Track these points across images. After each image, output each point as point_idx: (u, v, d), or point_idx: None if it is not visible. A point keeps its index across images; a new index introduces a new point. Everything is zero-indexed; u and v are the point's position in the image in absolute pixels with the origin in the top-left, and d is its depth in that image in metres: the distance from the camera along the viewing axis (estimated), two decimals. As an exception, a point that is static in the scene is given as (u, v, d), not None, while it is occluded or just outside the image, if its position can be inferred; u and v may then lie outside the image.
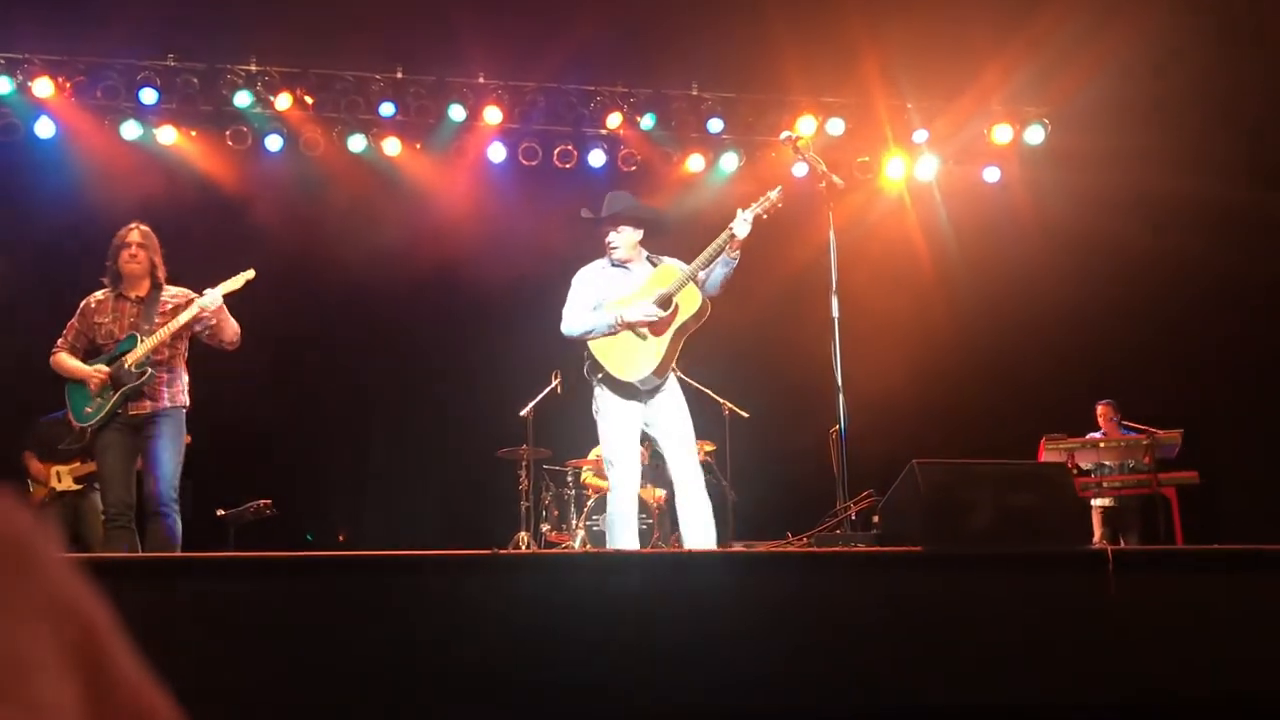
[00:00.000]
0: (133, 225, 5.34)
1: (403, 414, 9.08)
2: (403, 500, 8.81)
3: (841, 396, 5.47)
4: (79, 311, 5.27)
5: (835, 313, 5.55)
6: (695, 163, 9.61)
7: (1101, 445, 7.84)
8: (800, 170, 9.33)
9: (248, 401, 7.98)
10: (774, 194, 5.39)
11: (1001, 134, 9.69)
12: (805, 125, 9.30)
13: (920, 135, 9.62)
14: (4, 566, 0.39)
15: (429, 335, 9.08)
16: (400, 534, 8.11)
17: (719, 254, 5.26)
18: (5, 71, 8.51)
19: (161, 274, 5.30)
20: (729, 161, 9.61)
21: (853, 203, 9.19)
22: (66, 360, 5.17)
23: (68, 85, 8.65)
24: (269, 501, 7.59)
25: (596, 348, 5.22)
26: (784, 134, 6.45)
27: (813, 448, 7.06)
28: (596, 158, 9.42)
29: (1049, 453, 7.44)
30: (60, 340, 5.22)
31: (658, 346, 5.18)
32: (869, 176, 9.74)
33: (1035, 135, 9.62)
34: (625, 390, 5.18)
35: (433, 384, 9.01)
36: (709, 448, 7.94)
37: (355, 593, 3.48)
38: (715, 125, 9.39)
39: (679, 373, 7.94)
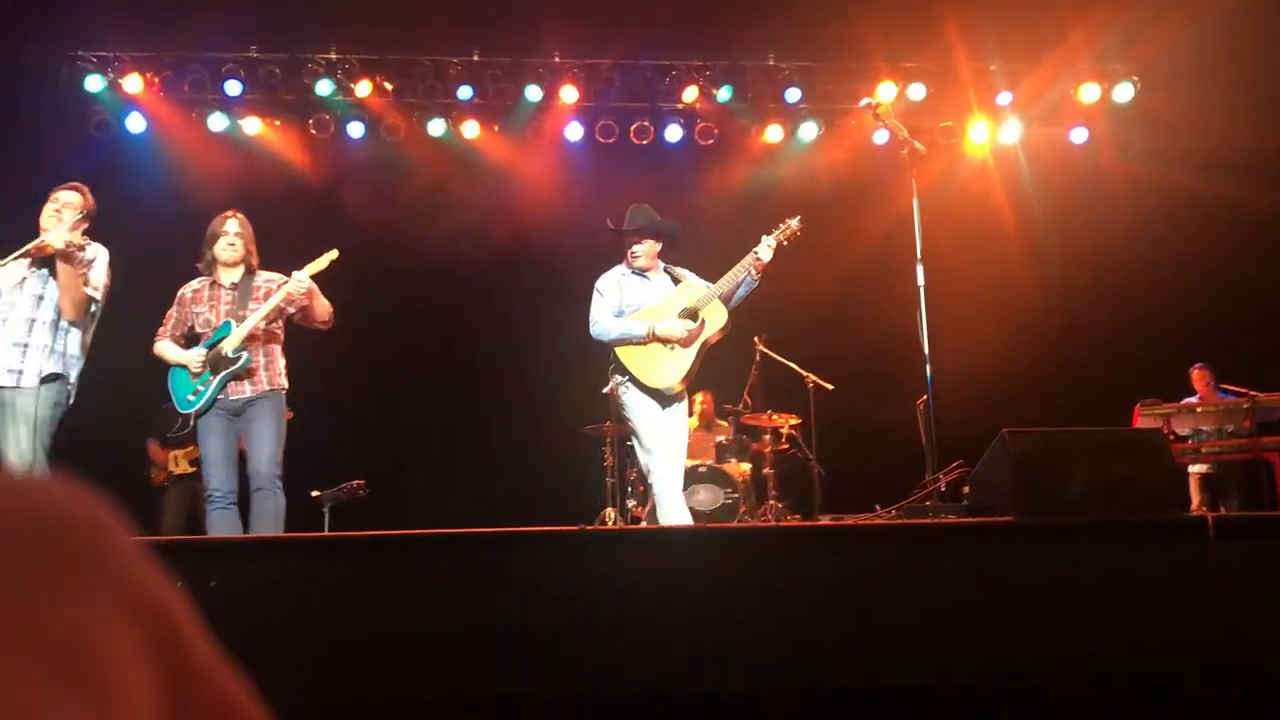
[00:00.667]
0: (229, 213, 5.43)
1: (488, 392, 9.17)
2: (489, 477, 8.91)
3: (929, 366, 5.41)
4: (176, 301, 5.38)
5: (920, 281, 5.48)
6: (774, 133, 9.52)
7: (1199, 410, 7.62)
8: (881, 137, 9.21)
9: (336, 381, 8.12)
10: (794, 222, 5.70)
11: (1088, 93, 9.41)
12: (885, 92, 9.15)
13: (1004, 98, 9.40)
14: (80, 556, 0.39)
15: (513, 315, 9.16)
16: (488, 511, 8.21)
17: (744, 275, 5.56)
18: (97, 70, 8.75)
19: (255, 260, 5.40)
20: (808, 131, 9.50)
21: (935, 168, 9.01)
22: (167, 348, 5.30)
23: (156, 80, 8.88)
24: (362, 482, 7.74)
25: (624, 354, 5.53)
26: (863, 101, 6.40)
27: (900, 419, 6.99)
28: (673, 132, 9.39)
29: (1144, 419, 7.26)
30: (160, 329, 5.35)
31: (685, 358, 5.48)
32: (952, 142, 9.55)
33: (1124, 93, 9.33)
34: (649, 392, 5.49)
35: (518, 362, 9.08)
36: (794, 421, 7.89)
37: (447, 570, 3.53)
38: (793, 95, 9.28)
39: (762, 346, 7.94)
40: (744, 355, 8.17)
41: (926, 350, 5.40)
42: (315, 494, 7.52)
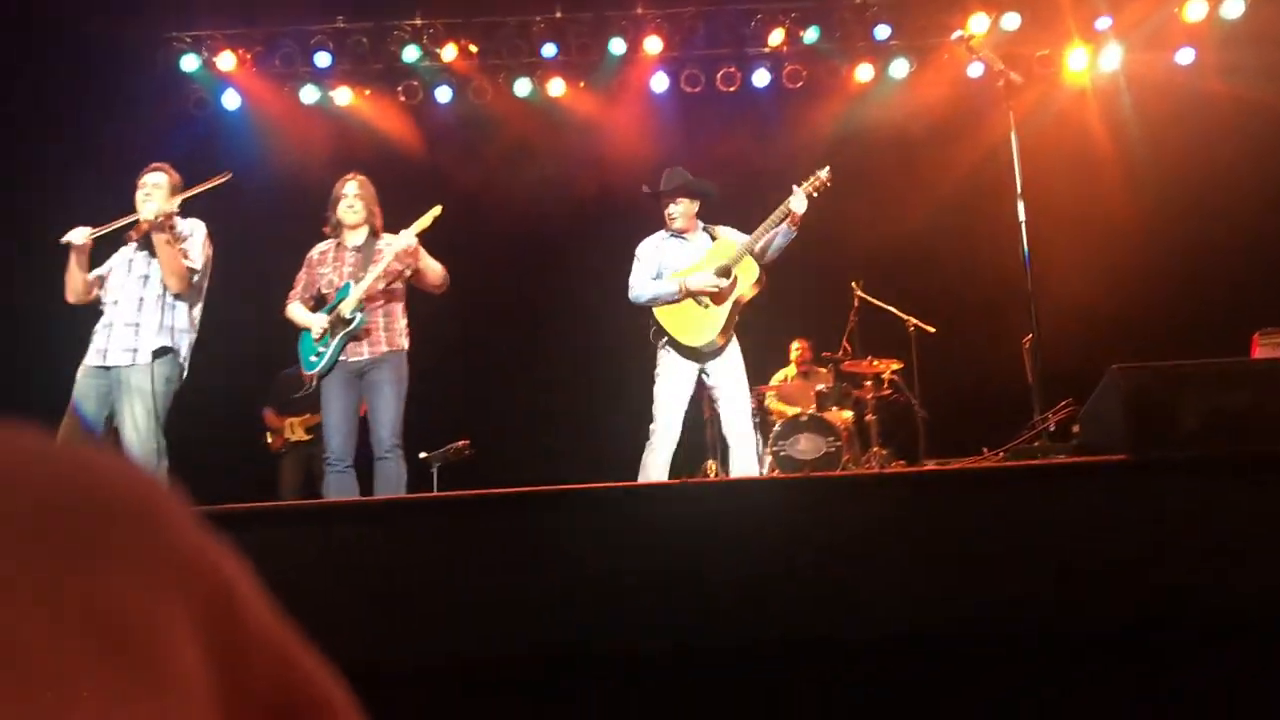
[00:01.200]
0: (350, 175, 5.53)
1: (585, 346, 9.20)
2: (587, 431, 8.97)
3: (1033, 303, 5.28)
4: (305, 263, 5.51)
5: (1022, 216, 5.34)
6: (864, 73, 9.30)
7: (1322, 337, 7.29)
8: (975, 70, 8.95)
9: (438, 342, 8.24)
10: (823, 172, 5.64)
11: (1194, 10, 8.99)
12: (978, 23, 8.86)
13: (1104, 22, 9.04)
14: (126, 529, 0.38)
15: (607, 269, 9.15)
16: (586, 465, 8.27)
17: (776, 228, 5.57)
18: (191, 49, 8.95)
19: (378, 222, 5.48)
20: (899, 68, 9.26)
21: (1031, 99, 8.73)
22: (296, 311, 5.44)
23: (248, 57, 9.05)
24: (466, 441, 7.86)
25: (661, 315, 5.65)
26: (956, 34, 6.26)
27: (1005, 359, 6.85)
28: (761, 78, 9.24)
29: (1263, 348, 6.98)
30: (291, 291, 5.48)
31: (719, 314, 5.56)
32: (1049, 71, 9.23)
33: (1233, 8, 8.88)
34: (688, 353, 5.58)
35: (612, 318, 9.09)
36: (895, 366, 7.78)
37: (548, 526, 3.57)
38: (882, 32, 9.06)
39: (860, 291, 7.84)
40: (842, 301, 8.08)
41: (1031, 286, 5.27)
42: (423, 455, 7.66)
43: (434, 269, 5.43)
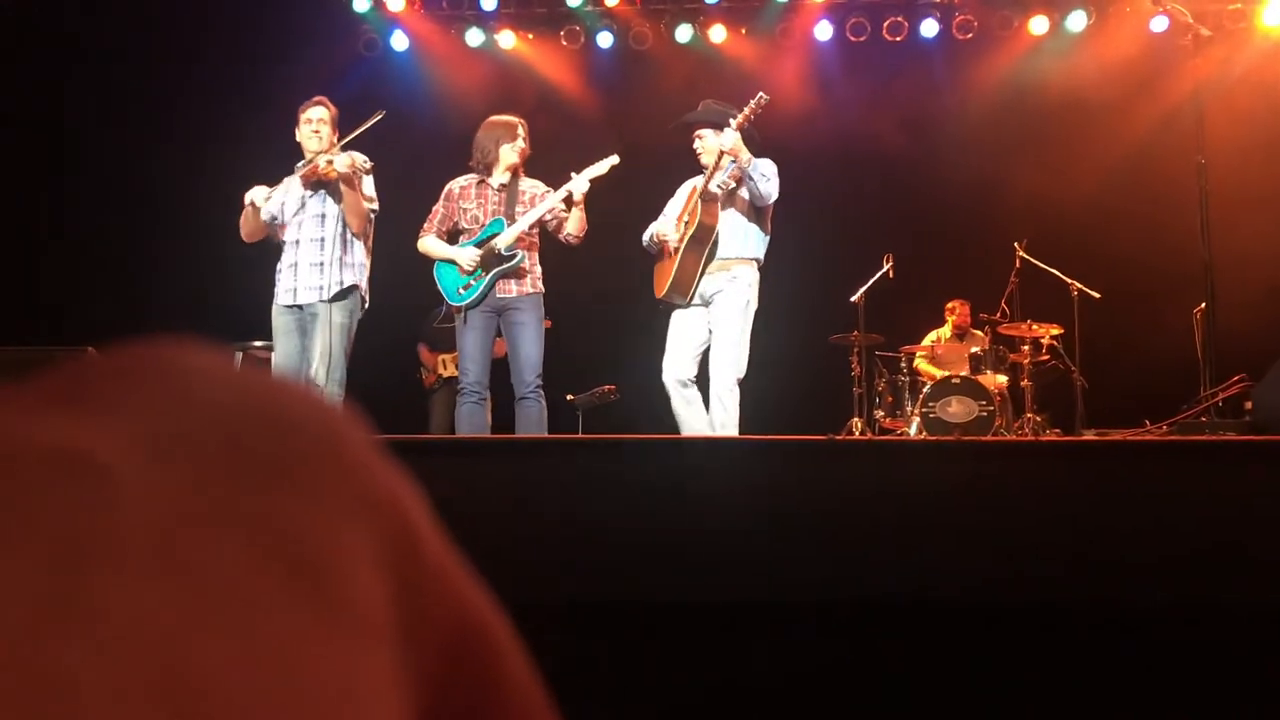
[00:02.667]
0: (520, 119, 5.60)
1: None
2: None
3: (1210, 273, 5.02)
4: (443, 196, 5.60)
5: (1202, 180, 5.06)
6: (1039, 25, 8.90)
7: None
8: (1159, 24, 8.48)
9: (588, 285, 8.33)
10: (753, 101, 5.40)
11: None
12: (1165, -27, 8.39)
13: (1307, -30, 8.44)
14: (310, 456, 0.37)
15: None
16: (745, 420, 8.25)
17: (715, 170, 5.43)
18: (362, -11, 9.16)
19: (522, 166, 5.58)
20: (1076, 21, 8.83)
21: (1217, 56, 8.21)
22: (433, 244, 5.55)
23: (416, -2, 9.22)
24: (613, 387, 7.94)
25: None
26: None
27: (1174, 329, 6.55)
28: (929, 27, 8.94)
29: None
30: (426, 224, 5.60)
31: (672, 265, 5.46)
32: (1241, 25, 8.67)
33: None
34: (675, 309, 5.56)
35: (766, 269, 9.03)
36: (1055, 331, 7.52)
37: (691, 474, 3.58)
38: (1061, -19, 8.67)
39: (1022, 251, 7.57)
40: (1002, 261, 7.84)
41: (1208, 254, 5.01)
42: (570, 398, 7.77)
43: (579, 218, 5.47)
